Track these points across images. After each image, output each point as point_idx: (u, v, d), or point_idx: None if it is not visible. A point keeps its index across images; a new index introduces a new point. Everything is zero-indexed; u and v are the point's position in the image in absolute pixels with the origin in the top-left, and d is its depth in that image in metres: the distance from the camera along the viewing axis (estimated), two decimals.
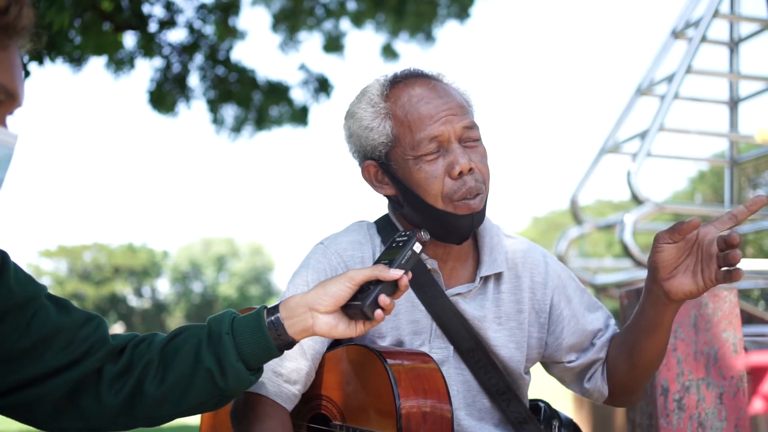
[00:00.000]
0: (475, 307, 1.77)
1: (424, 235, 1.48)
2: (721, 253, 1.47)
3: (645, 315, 1.64)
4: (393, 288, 1.44)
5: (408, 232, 1.50)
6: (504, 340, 1.78)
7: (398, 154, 1.70)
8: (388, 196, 1.79)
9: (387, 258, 1.47)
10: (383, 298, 1.41)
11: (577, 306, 1.83)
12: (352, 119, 1.76)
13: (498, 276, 1.81)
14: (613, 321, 1.86)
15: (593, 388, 1.81)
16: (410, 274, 1.45)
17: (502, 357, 1.78)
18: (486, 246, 1.80)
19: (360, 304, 1.41)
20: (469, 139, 1.69)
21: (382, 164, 1.74)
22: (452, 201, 1.66)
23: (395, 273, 1.42)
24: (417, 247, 1.47)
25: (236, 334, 1.42)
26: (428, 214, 1.69)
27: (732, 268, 1.47)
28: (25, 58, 3.72)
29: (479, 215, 1.70)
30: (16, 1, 1.20)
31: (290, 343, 1.44)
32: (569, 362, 1.82)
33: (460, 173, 1.66)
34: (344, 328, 1.45)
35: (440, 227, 1.69)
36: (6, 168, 1.24)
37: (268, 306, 1.47)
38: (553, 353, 1.83)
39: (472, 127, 1.70)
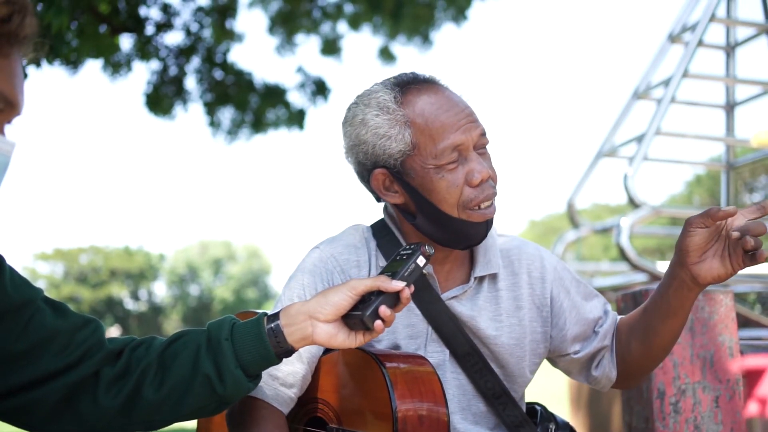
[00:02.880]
0: (470, 307, 1.77)
1: (429, 249, 1.48)
2: (740, 240, 1.49)
3: (666, 300, 1.65)
4: (394, 300, 1.44)
5: (412, 246, 1.50)
6: (504, 339, 1.78)
7: (417, 162, 1.66)
8: (395, 205, 1.76)
9: (390, 270, 1.47)
10: (384, 309, 1.41)
11: (575, 296, 1.84)
12: (364, 127, 1.69)
13: (493, 275, 1.81)
14: (610, 307, 1.88)
15: (601, 375, 1.82)
16: (413, 287, 1.45)
17: (502, 355, 1.78)
18: (481, 247, 1.80)
19: (360, 314, 1.41)
20: (482, 146, 1.70)
21: (395, 172, 1.69)
22: (467, 209, 1.67)
23: (397, 285, 1.42)
24: (420, 261, 1.47)
25: (236, 340, 1.42)
26: (443, 223, 1.68)
27: (755, 251, 1.49)
28: (23, 61, 3.72)
29: (491, 221, 1.72)
30: (19, 9, 1.20)
31: (289, 351, 1.44)
32: (575, 353, 1.82)
33: (481, 181, 1.66)
34: (344, 338, 1.45)
35: (454, 235, 1.69)
36: (3, 175, 1.24)
37: (269, 313, 1.47)
38: (558, 346, 1.83)
39: (485, 134, 1.70)
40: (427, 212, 1.69)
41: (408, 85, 1.71)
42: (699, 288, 1.60)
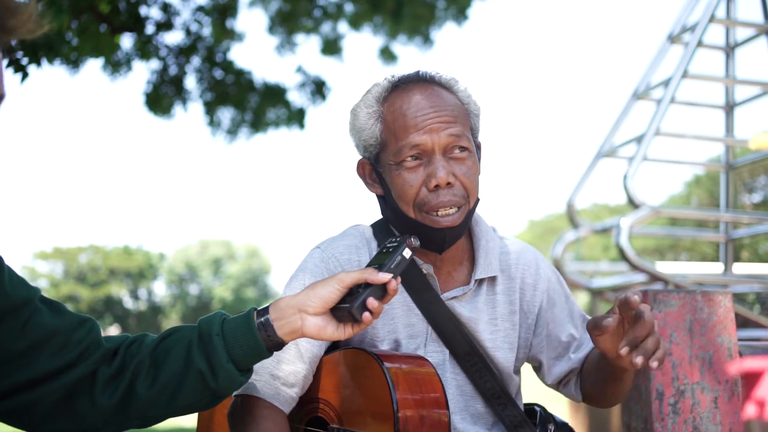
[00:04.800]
0: (470, 309, 1.78)
1: (414, 241, 1.50)
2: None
3: (607, 370, 1.68)
4: (382, 292, 1.45)
5: (399, 238, 1.52)
6: (499, 342, 1.79)
7: (384, 157, 1.73)
8: (378, 196, 1.82)
9: (377, 262, 1.49)
10: (371, 301, 1.42)
11: (559, 313, 1.85)
12: (352, 115, 1.79)
13: (492, 278, 1.82)
14: (588, 337, 1.86)
15: (568, 393, 1.86)
16: (399, 279, 1.47)
17: (497, 359, 1.79)
18: (481, 249, 1.81)
19: (348, 306, 1.43)
20: (456, 149, 1.68)
21: (373, 164, 1.77)
22: (422, 212, 1.68)
23: (384, 276, 1.44)
24: (407, 253, 1.49)
25: (226, 335, 1.43)
26: (403, 221, 1.72)
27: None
28: (24, 60, 3.72)
29: (454, 231, 1.69)
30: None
31: (279, 344, 1.46)
32: (547, 367, 1.85)
33: (436, 186, 1.66)
34: (333, 330, 1.46)
35: (416, 235, 1.70)
36: None
37: (258, 307, 1.49)
38: (536, 355, 1.86)
39: (460, 136, 1.68)
40: (392, 208, 1.74)
41: (402, 83, 1.75)
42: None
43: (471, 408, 1.78)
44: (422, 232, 1.68)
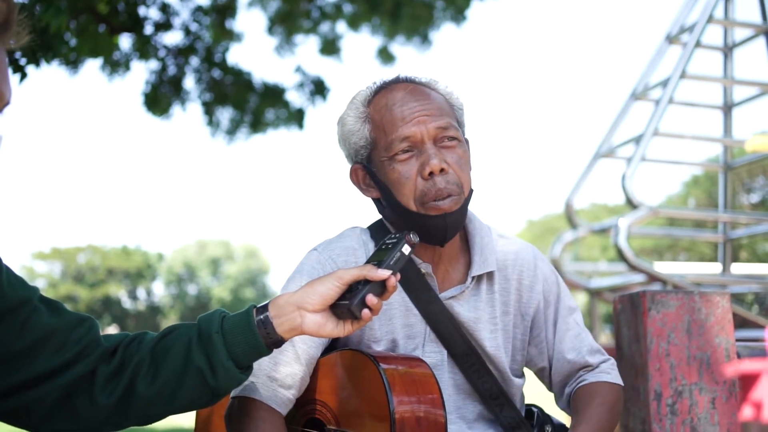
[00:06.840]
0: (469, 309, 1.78)
1: (413, 237, 1.50)
2: None
3: None
4: (381, 288, 1.45)
5: (398, 234, 1.52)
6: (497, 342, 1.80)
7: (376, 156, 1.74)
8: (374, 199, 1.82)
9: (376, 259, 1.49)
10: (371, 298, 1.43)
11: (552, 314, 1.86)
12: (340, 124, 1.81)
13: (490, 276, 1.82)
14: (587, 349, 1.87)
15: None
16: (399, 275, 1.47)
17: (496, 359, 1.79)
18: (477, 246, 1.81)
19: (348, 303, 1.43)
20: (445, 139, 1.71)
21: (366, 167, 1.78)
22: (423, 203, 1.69)
23: (383, 273, 1.44)
24: (406, 249, 1.49)
25: (226, 332, 1.43)
26: (404, 216, 1.72)
27: None
28: (22, 61, 3.72)
29: (453, 217, 1.70)
30: None
31: (279, 342, 1.46)
32: (544, 369, 1.88)
33: (431, 173, 1.67)
34: (332, 328, 1.46)
35: (417, 229, 1.69)
36: None
37: (258, 305, 1.49)
38: (533, 359, 1.87)
39: (448, 127, 1.71)
40: (391, 205, 1.74)
41: (385, 86, 1.79)
42: None
43: (468, 408, 1.78)
44: (424, 224, 1.69)
